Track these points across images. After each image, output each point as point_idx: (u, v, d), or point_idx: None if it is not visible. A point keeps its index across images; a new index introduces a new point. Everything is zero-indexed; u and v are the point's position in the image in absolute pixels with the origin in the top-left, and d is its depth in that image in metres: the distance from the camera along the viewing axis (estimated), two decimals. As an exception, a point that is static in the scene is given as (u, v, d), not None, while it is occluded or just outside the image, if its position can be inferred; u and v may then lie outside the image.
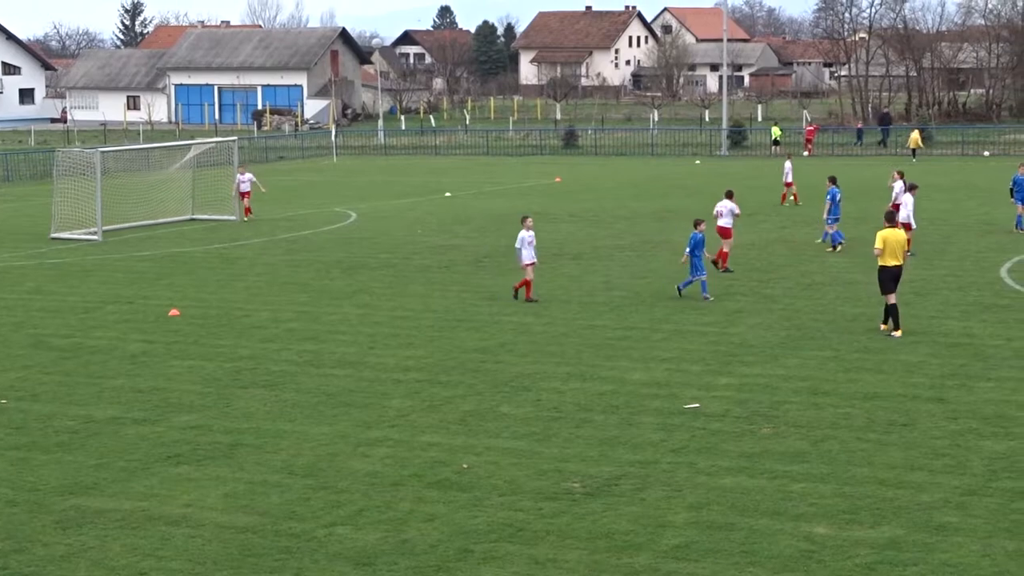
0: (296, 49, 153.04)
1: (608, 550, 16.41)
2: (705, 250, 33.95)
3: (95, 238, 48.76)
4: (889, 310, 28.72)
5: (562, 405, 23.50)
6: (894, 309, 28.62)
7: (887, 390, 24.11)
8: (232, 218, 54.31)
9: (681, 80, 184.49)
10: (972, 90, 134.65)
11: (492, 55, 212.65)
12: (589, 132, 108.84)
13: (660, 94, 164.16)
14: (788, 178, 57.41)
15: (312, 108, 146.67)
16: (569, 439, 21.31)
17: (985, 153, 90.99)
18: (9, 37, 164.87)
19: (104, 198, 49.64)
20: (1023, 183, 46.04)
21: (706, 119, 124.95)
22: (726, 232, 38.26)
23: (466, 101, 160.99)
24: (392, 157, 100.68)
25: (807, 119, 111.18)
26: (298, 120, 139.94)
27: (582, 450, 20.67)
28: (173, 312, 33.10)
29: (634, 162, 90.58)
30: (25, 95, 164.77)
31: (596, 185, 70.30)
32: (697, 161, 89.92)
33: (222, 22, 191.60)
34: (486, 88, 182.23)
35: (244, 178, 55.32)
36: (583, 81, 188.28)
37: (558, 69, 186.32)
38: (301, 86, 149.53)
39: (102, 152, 53.01)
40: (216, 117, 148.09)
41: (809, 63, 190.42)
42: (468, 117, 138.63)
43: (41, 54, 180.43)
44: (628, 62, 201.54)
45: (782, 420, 22.18)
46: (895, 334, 28.34)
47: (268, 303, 34.53)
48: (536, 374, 25.90)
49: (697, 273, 33.52)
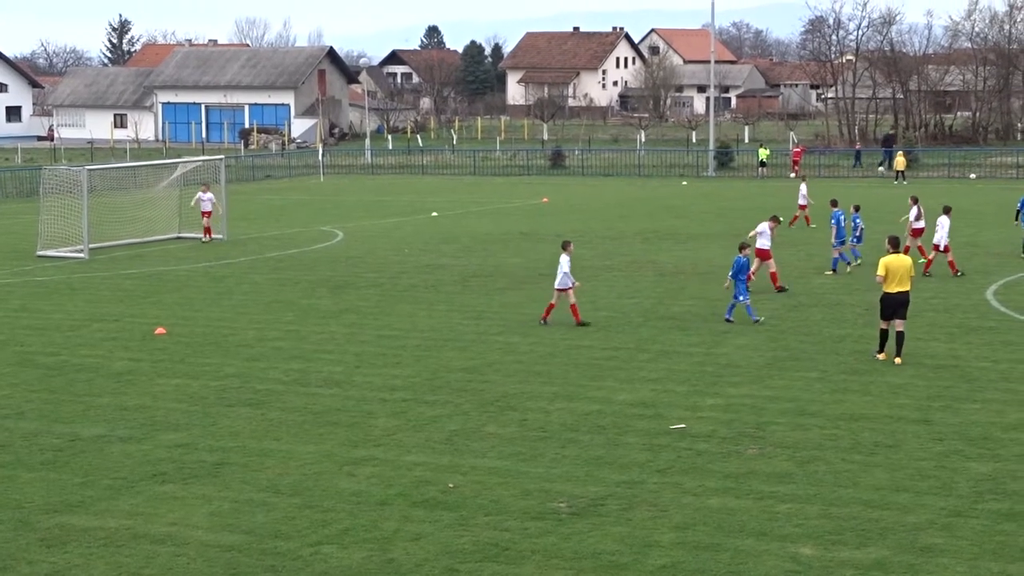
0: (283, 68, 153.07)
1: (594, 570, 16.40)
2: (751, 274, 33.87)
3: (81, 256, 48.70)
4: (896, 336, 28.01)
5: (548, 425, 23.49)
6: (900, 336, 28.00)
7: (873, 411, 24.14)
8: (220, 237, 54.23)
9: (668, 101, 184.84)
10: (958, 113, 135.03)
11: (479, 75, 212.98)
12: (576, 153, 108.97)
13: (647, 115, 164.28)
14: (803, 200, 57.17)
15: (299, 127, 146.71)
16: (555, 459, 21.31)
17: (972, 176, 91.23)
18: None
19: (91, 216, 49.61)
20: None
21: (693, 140, 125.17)
22: (765, 254, 38.10)
23: (453, 121, 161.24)
24: (379, 177, 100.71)
25: (794, 141, 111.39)
26: (285, 139, 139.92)
27: (568, 470, 20.66)
28: (159, 330, 33.06)
29: (621, 183, 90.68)
30: (12, 113, 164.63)
31: (583, 206, 70.34)
32: (684, 182, 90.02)
33: (209, 41, 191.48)
34: (473, 108, 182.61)
35: (205, 197, 54.01)
36: (570, 102, 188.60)
37: (545, 89, 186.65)
38: (288, 105, 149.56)
39: (89, 170, 52.97)
40: (203, 136, 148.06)
41: (796, 85, 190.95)
42: (455, 137, 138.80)
43: (28, 72, 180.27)
44: (615, 83, 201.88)
45: (768, 441, 22.20)
46: (896, 361, 27.84)
47: (254, 322, 34.50)
48: (522, 394, 25.89)
49: (742, 297, 33.01)
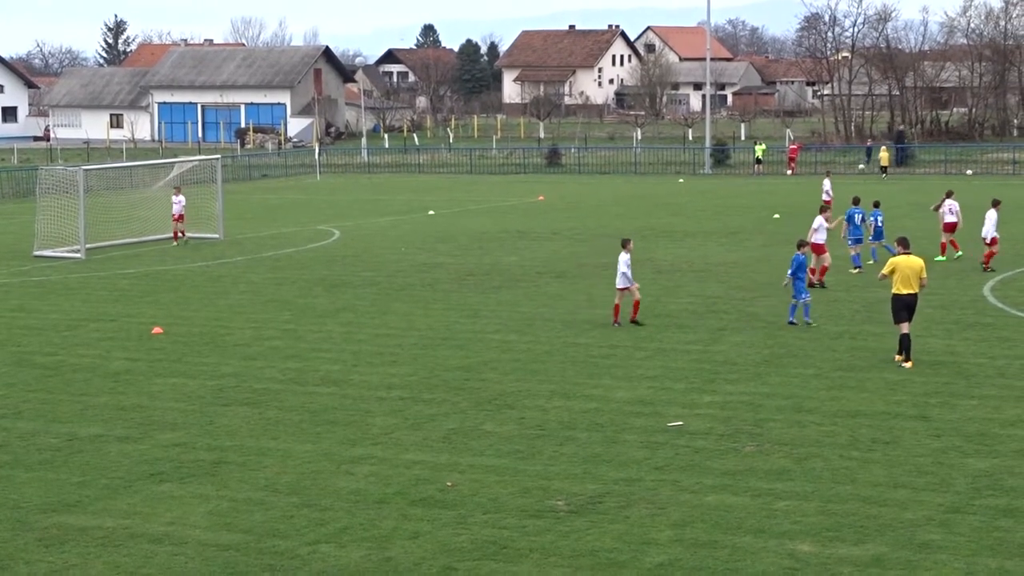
0: (279, 67, 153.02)
1: (592, 568, 16.40)
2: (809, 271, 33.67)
3: (78, 256, 48.67)
4: (901, 340, 27.65)
5: (546, 423, 23.49)
6: (906, 339, 27.56)
7: (870, 408, 24.15)
8: (216, 236, 54.21)
9: (664, 99, 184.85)
10: (954, 109, 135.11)
11: (475, 74, 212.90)
12: (572, 151, 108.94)
13: (643, 113, 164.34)
14: (827, 196, 56.89)
15: (295, 126, 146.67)
16: (553, 457, 21.31)
17: (968, 172, 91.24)
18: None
19: (87, 216, 49.60)
20: None
21: (689, 138, 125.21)
22: (820, 248, 37.95)
23: (449, 120, 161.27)
24: (375, 175, 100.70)
25: (790, 138, 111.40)
26: (281, 138, 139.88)
27: (566, 468, 20.66)
28: (156, 330, 33.05)
29: (617, 181, 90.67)
30: (8, 113, 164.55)
31: (579, 203, 70.35)
32: (680, 180, 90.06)
33: (205, 40, 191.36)
34: (469, 107, 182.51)
35: (177, 199, 52.92)
36: (566, 100, 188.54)
37: (541, 88, 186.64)
38: (284, 104, 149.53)
39: (85, 170, 52.96)
40: (199, 135, 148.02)
41: (792, 82, 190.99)
42: (451, 136, 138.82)
43: (24, 72, 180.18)
44: (611, 81, 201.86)
45: (766, 438, 22.20)
46: (906, 365, 27.35)
47: (251, 321, 34.49)
48: (520, 392, 25.89)
49: (801, 296, 32.48)
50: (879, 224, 43.11)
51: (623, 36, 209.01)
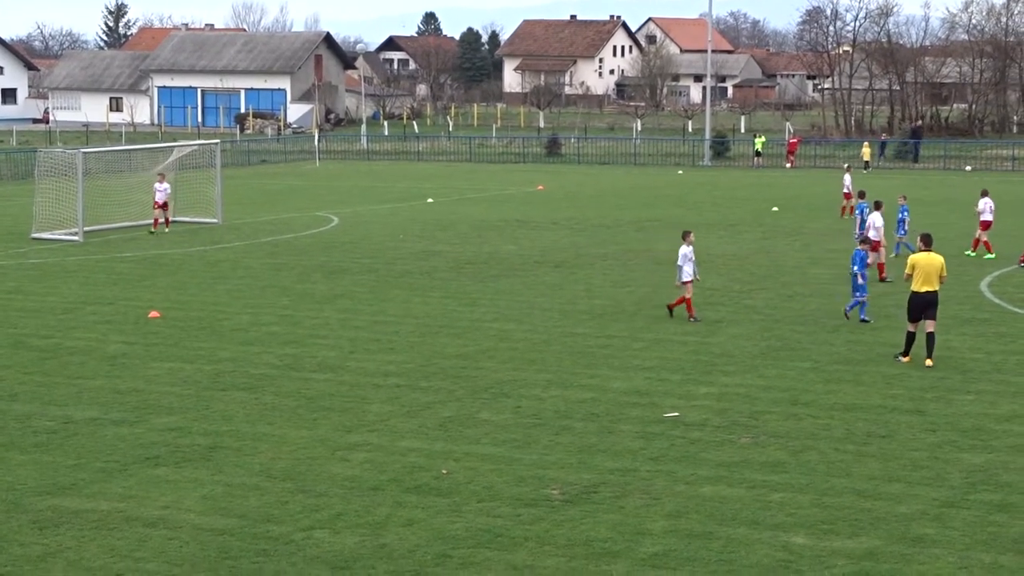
0: (280, 53, 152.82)
1: (586, 557, 16.42)
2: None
3: (76, 239, 48.64)
4: (927, 337, 27.10)
5: (542, 412, 23.50)
6: (931, 337, 27.13)
7: (866, 401, 24.16)
8: (214, 221, 54.19)
9: (664, 90, 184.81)
10: (955, 105, 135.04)
11: (476, 62, 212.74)
12: (572, 141, 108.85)
13: (643, 104, 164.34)
14: (847, 190, 56.66)
15: (295, 112, 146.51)
16: (549, 446, 21.32)
17: (967, 168, 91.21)
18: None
19: (86, 199, 49.54)
20: None
21: (689, 129, 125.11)
22: (876, 245, 36.96)
23: (449, 108, 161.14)
24: (375, 162, 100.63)
25: (790, 131, 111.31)
26: (281, 124, 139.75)
27: (561, 457, 20.67)
28: (153, 314, 33.04)
29: (617, 171, 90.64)
30: (7, 95, 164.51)
31: (578, 193, 70.32)
32: (680, 171, 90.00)
33: (206, 25, 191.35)
34: (469, 95, 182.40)
35: (161, 187, 51.57)
36: (567, 90, 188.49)
37: (542, 77, 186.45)
38: (284, 90, 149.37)
39: (84, 153, 52.86)
40: (199, 120, 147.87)
41: (793, 75, 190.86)
42: (451, 124, 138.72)
43: (24, 54, 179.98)
44: (612, 71, 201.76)
45: (761, 430, 22.21)
46: (927, 363, 26.95)
47: (249, 306, 34.48)
48: (516, 381, 25.89)
49: (864, 293, 31.86)
50: (901, 217, 42.90)
51: (624, 27, 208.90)
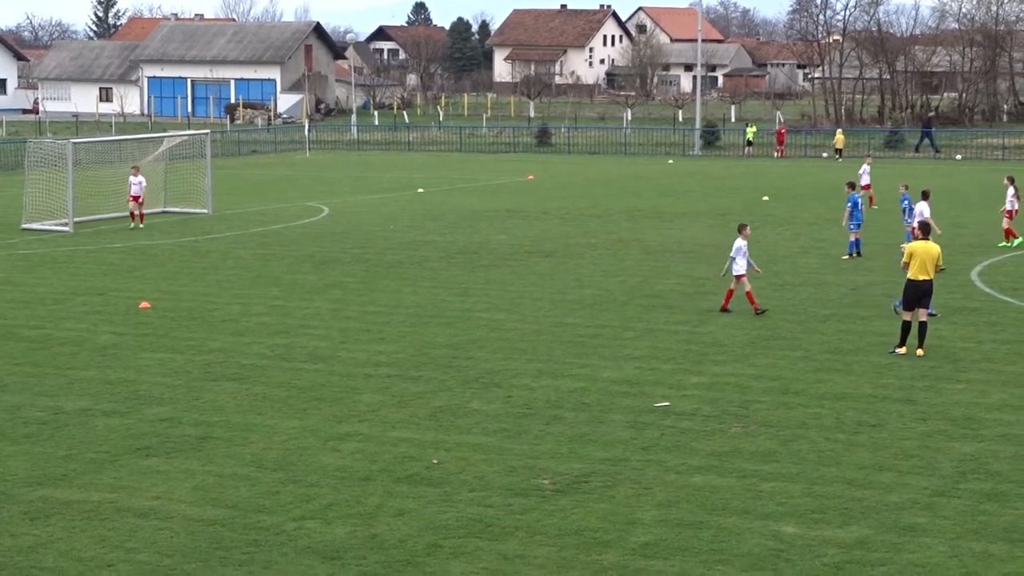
0: (270, 43, 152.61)
1: (577, 547, 16.42)
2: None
3: (66, 229, 48.58)
4: (919, 327, 27.06)
5: (532, 402, 23.50)
6: (923, 327, 27.12)
7: (857, 391, 24.18)
8: (205, 211, 54.15)
9: (655, 80, 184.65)
10: (945, 94, 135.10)
11: (466, 52, 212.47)
12: (562, 130, 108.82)
13: (634, 93, 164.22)
14: (865, 180, 56.46)
15: (285, 102, 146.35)
16: (539, 436, 21.32)
17: (957, 156, 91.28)
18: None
19: (76, 190, 49.46)
20: None
21: (679, 119, 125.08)
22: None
23: (440, 97, 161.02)
24: (365, 152, 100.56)
25: (780, 120, 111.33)
26: (271, 114, 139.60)
27: (552, 447, 20.68)
28: (144, 304, 33.00)
29: (607, 161, 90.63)
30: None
31: (569, 183, 70.32)
32: (670, 161, 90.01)
33: (196, 15, 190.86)
34: (460, 85, 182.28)
35: (136, 180, 49.97)
36: (557, 79, 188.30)
37: (532, 67, 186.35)
38: (274, 80, 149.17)
39: (74, 143, 52.77)
40: (189, 110, 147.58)
41: (783, 65, 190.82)
42: (441, 114, 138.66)
43: (13, 44, 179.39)
44: (602, 61, 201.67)
45: (752, 419, 22.23)
46: (918, 352, 26.96)
47: (239, 297, 34.45)
48: (507, 371, 25.89)
49: None
50: (904, 205, 42.80)
51: (614, 16, 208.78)
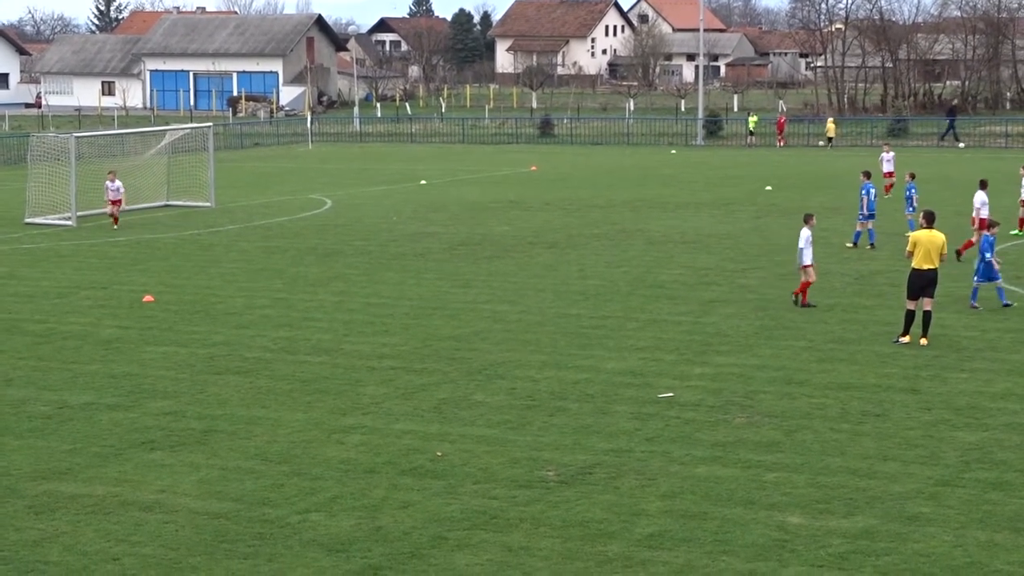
0: (272, 36, 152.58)
1: (582, 538, 16.42)
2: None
3: (69, 223, 48.58)
4: (924, 316, 27.00)
5: (536, 393, 23.50)
6: (927, 316, 27.05)
7: (861, 380, 24.17)
8: (208, 204, 54.13)
9: (657, 70, 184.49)
10: (948, 82, 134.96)
11: (468, 43, 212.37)
12: (565, 121, 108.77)
13: (636, 83, 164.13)
14: (887, 168, 56.24)
15: (288, 95, 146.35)
16: (543, 427, 21.32)
17: (960, 144, 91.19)
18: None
19: (79, 183, 49.44)
20: None
21: (682, 109, 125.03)
22: (984, 223, 36.14)
23: (442, 89, 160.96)
24: (367, 145, 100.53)
25: (782, 109, 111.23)
26: (273, 107, 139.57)
27: (556, 438, 20.67)
28: (147, 298, 33.00)
29: (610, 151, 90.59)
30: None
31: (572, 174, 70.28)
32: (673, 151, 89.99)
33: (197, 8, 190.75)
34: (462, 76, 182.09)
35: (113, 186, 48.05)
36: (559, 70, 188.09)
37: (534, 58, 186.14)
38: (276, 73, 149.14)
39: (77, 137, 52.78)
40: (191, 103, 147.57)
41: (785, 54, 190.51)
42: (444, 105, 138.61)
43: (15, 39, 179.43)
44: (604, 51, 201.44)
45: (756, 410, 22.22)
46: (922, 342, 26.93)
47: (243, 289, 34.45)
48: (510, 362, 25.88)
49: (997, 277, 31.15)
50: (909, 195, 42.71)
51: (616, 6, 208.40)
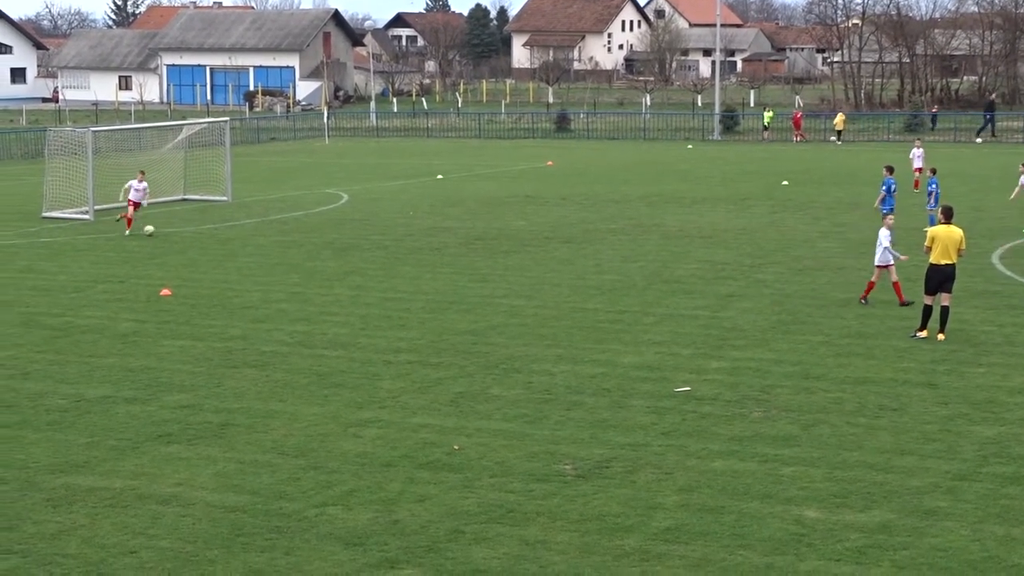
0: (288, 30, 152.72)
1: (598, 532, 16.42)
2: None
3: (86, 217, 48.68)
4: (941, 311, 26.97)
5: (553, 387, 23.49)
6: (945, 311, 27.02)
7: (878, 375, 24.13)
8: (224, 199, 54.20)
9: (674, 65, 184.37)
10: (965, 77, 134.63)
11: (485, 38, 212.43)
12: (581, 116, 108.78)
13: (652, 79, 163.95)
14: (917, 164, 56.15)
15: (304, 90, 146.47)
16: (560, 421, 21.31)
17: (977, 140, 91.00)
18: (1, 16, 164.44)
19: (96, 178, 49.54)
20: None
21: (698, 104, 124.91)
22: None
23: (458, 84, 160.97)
24: (384, 139, 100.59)
25: (799, 104, 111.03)
26: (290, 101, 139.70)
27: (573, 432, 20.67)
28: (164, 292, 33.06)
29: (626, 146, 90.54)
30: (16, 74, 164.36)
31: (588, 169, 70.25)
32: (689, 146, 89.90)
33: (214, 3, 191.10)
34: (478, 71, 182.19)
35: (140, 186, 45.90)
36: (575, 65, 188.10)
37: (551, 53, 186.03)
38: (293, 67, 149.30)
39: (94, 132, 52.86)
40: (208, 98, 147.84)
41: (802, 49, 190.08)
42: (460, 100, 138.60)
43: (33, 33, 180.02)
44: (621, 46, 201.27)
45: (773, 404, 22.19)
46: (939, 337, 26.85)
47: (259, 284, 34.49)
48: (527, 356, 25.88)
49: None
50: (931, 190, 42.63)
51: (633, 1, 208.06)
